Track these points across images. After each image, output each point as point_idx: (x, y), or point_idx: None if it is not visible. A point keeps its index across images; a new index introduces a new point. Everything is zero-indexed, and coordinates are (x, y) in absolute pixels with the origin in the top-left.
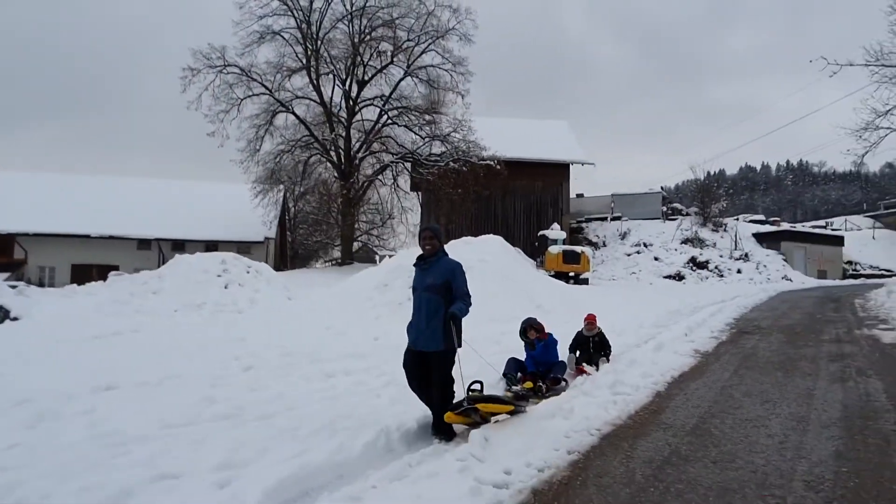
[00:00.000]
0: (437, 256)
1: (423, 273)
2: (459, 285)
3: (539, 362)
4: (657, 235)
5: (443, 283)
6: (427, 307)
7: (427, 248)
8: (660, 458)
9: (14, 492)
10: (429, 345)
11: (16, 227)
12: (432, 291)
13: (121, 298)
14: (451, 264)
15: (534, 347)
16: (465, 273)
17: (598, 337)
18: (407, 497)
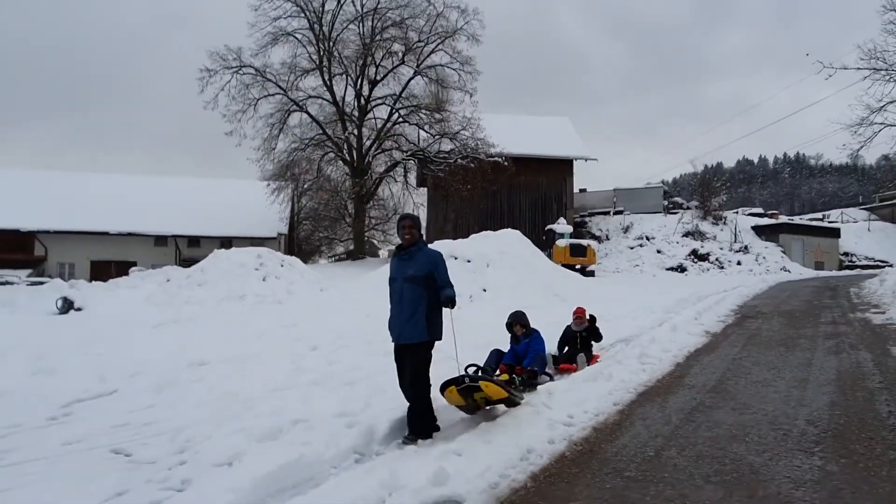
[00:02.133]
0: (418, 246)
1: (403, 263)
2: (443, 275)
3: (520, 356)
4: (659, 229)
5: (425, 274)
6: (409, 298)
7: (406, 237)
8: (689, 407)
9: (181, 434)
10: (412, 336)
11: (36, 224)
12: (414, 282)
13: (169, 290)
14: (433, 254)
15: (518, 341)
16: (445, 262)
17: (587, 332)
18: (502, 428)
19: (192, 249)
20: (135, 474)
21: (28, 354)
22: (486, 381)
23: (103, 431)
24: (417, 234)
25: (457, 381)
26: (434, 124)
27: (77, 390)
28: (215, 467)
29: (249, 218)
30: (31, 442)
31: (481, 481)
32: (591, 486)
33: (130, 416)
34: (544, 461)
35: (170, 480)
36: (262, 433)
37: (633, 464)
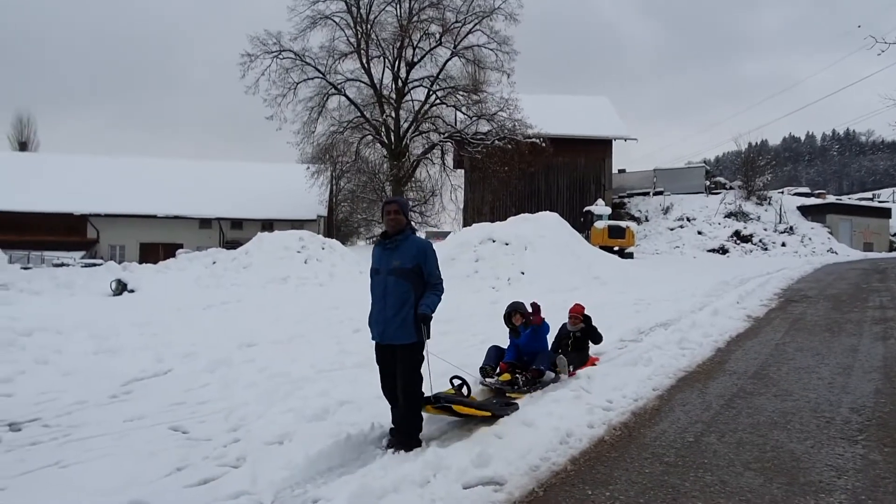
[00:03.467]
0: (405, 234)
1: (388, 253)
2: (431, 269)
3: (523, 352)
4: (700, 210)
5: (413, 266)
6: (395, 293)
7: (391, 223)
8: (729, 394)
9: (234, 413)
10: (398, 336)
11: (88, 208)
12: (400, 275)
13: (216, 273)
14: (421, 244)
15: (518, 335)
16: (436, 254)
17: (582, 333)
18: (542, 412)
19: (235, 232)
20: (193, 451)
21: (89, 335)
22: (459, 403)
23: (162, 409)
24: (404, 220)
25: (429, 400)
26: (471, 106)
27: (136, 370)
28: (267, 445)
29: (290, 200)
30: (96, 418)
31: (522, 463)
32: (630, 471)
33: (186, 395)
34: (584, 445)
35: (225, 457)
36: (310, 413)
37: (673, 449)
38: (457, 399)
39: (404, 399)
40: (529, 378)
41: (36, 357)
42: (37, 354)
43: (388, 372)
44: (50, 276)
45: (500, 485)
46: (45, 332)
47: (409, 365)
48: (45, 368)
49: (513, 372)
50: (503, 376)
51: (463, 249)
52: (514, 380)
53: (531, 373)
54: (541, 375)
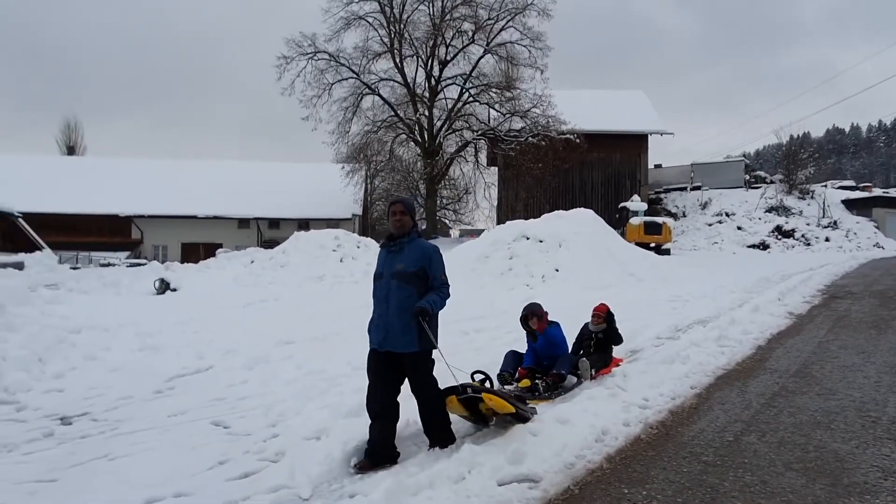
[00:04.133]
0: (410, 237)
1: (391, 256)
2: (436, 273)
3: (542, 356)
4: (740, 204)
5: (417, 270)
6: (398, 298)
7: (396, 224)
8: (770, 392)
9: (273, 409)
10: (401, 344)
11: (133, 209)
12: (403, 280)
13: (254, 271)
14: (426, 247)
15: (536, 338)
16: (442, 257)
17: (604, 334)
18: (577, 410)
19: (272, 231)
20: (233, 445)
21: (134, 332)
22: (490, 393)
23: (203, 405)
24: (410, 222)
25: (457, 389)
26: (504, 103)
27: (178, 366)
28: (305, 441)
29: (325, 200)
30: (141, 413)
31: (557, 461)
32: (668, 470)
33: (227, 391)
34: (619, 443)
35: (265, 452)
36: (346, 410)
37: (711, 448)
38: (485, 388)
39: (425, 406)
40: (550, 383)
41: (85, 354)
42: (86, 351)
43: (380, 381)
44: (97, 275)
45: (534, 482)
46: (94, 329)
47: (421, 373)
48: (93, 365)
49: (532, 377)
50: (522, 382)
51: (497, 247)
52: (533, 385)
53: (551, 377)
54: (562, 380)
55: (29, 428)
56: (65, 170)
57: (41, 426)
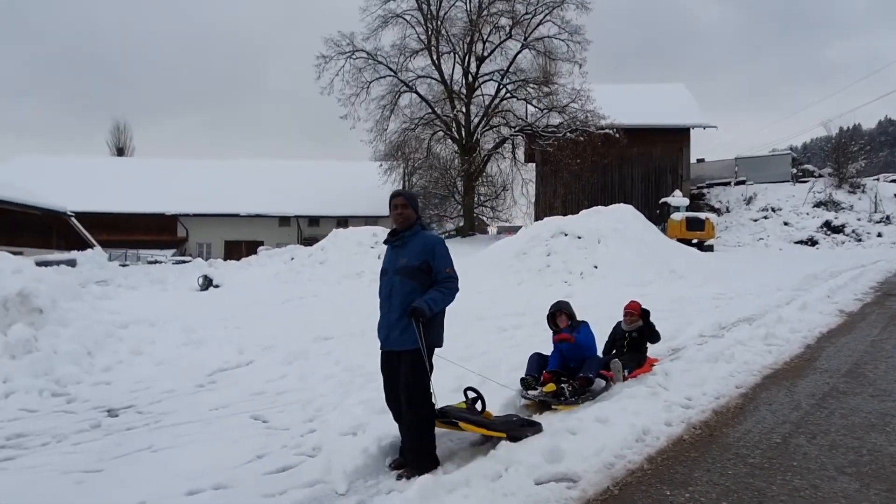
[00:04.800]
0: (413, 230)
1: (395, 252)
2: (440, 266)
3: (568, 358)
4: (786, 199)
5: (420, 264)
6: (401, 294)
7: (398, 218)
8: (821, 393)
9: (312, 404)
10: (401, 342)
11: (178, 208)
12: (406, 275)
13: (294, 268)
14: (429, 239)
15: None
16: (447, 250)
17: (639, 333)
18: (617, 408)
19: (312, 228)
20: (272, 439)
21: (180, 327)
22: (467, 421)
23: (243, 399)
24: (413, 214)
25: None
26: (542, 98)
27: (220, 361)
28: (342, 436)
29: (364, 197)
30: (184, 406)
31: (596, 460)
32: (712, 472)
33: (266, 386)
34: (661, 443)
35: (302, 447)
36: (381, 406)
37: (758, 450)
38: (465, 415)
39: (409, 412)
40: (577, 387)
41: (132, 348)
42: (133, 346)
43: (390, 381)
44: (144, 272)
45: (573, 482)
46: (141, 324)
47: (411, 374)
48: (139, 359)
49: (558, 381)
50: (547, 387)
51: (534, 243)
52: (559, 390)
53: (578, 381)
54: (589, 384)
55: (78, 419)
56: (114, 170)
57: (89, 418)
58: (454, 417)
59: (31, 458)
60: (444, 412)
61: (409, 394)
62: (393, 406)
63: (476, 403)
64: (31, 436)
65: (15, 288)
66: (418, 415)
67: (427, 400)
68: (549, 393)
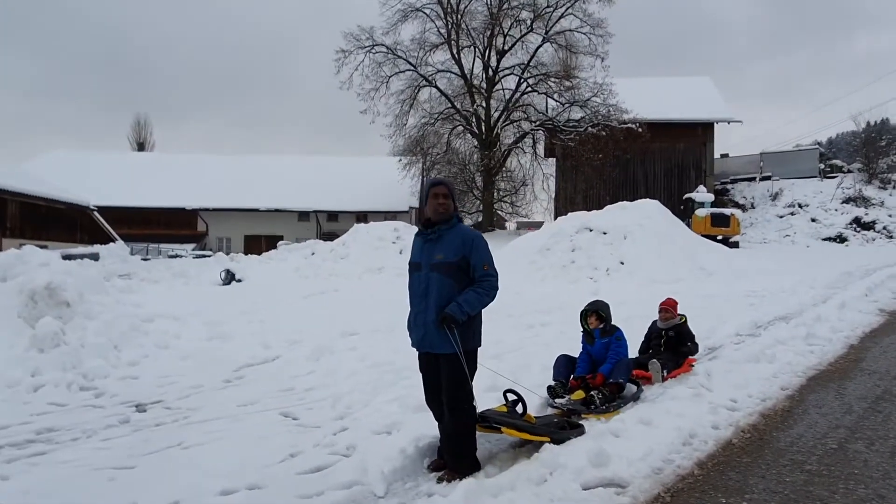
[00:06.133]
0: (450, 224)
1: (429, 246)
2: (479, 262)
3: (597, 360)
4: (814, 195)
5: (458, 260)
6: (438, 292)
7: (440, 208)
8: (872, 396)
9: (341, 400)
10: (440, 344)
11: (198, 203)
12: (443, 271)
13: (315, 263)
14: (468, 234)
15: (593, 341)
16: (487, 245)
17: (675, 331)
18: (660, 410)
19: (331, 224)
20: (303, 437)
21: (204, 321)
22: (509, 425)
23: (272, 395)
24: (453, 206)
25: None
26: (563, 92)
27: (246, 356)
28: (375, 435)
29: (383, 192)
30: (212, 402)
31: (643, 465)
32: (768, 479)
33: (294, 382)
34: (710, 448)
35: (336, 445)
36: (416, 404)
37: (814, 456)
38: (506, 419)
39: (451, 416)
40: (607, 394)
41: (157, 342)
42: (158, 339)
43: (430, 382)
44: (166, 266)
45: (622, 487)
46: (165, 318)
47: (453, 378)
48: (165, 353)
49: (587, 388)
50: (575, 394)
51: (558, 239)
52: (588, 398)
53: (609, 388)
54: (620, 390)
55: (106, 414)
56: (136, 165)
57: (118, 412)
58: (495, 422)
59: (63, 453)
60: (484, 417)
61: (449, 398)
62: (434, 407)
63: (517, 406)
64: (61, 430)
65: (43, 281)
66: (460, 419)
67: (469, 404)
68: (577, 401)
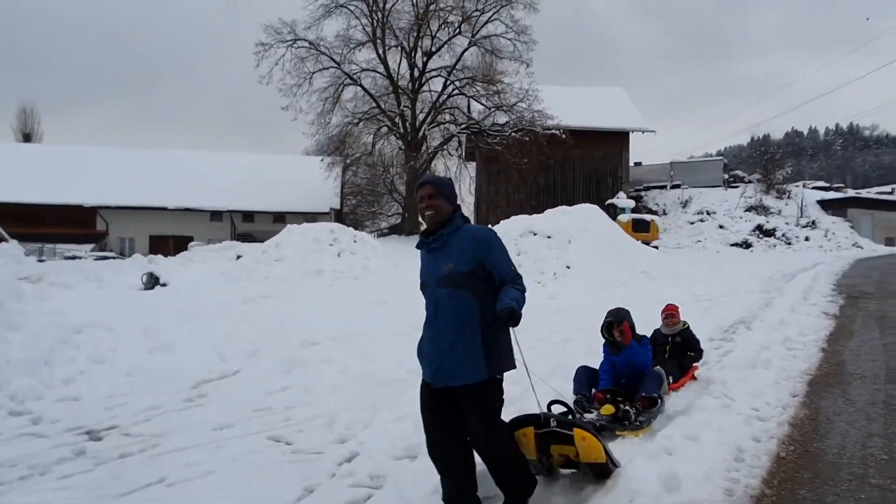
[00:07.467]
0: (453, 226)
1: (434, 256)
2: (502, 265)
3: (620, 373)
4: (720, 203)
5: (473, 268)
6: (452, 310)
7: (428, 212)
8: (879, 401)
9: (337, 420)
10: (460, 375)
11: (97, 200)
12: (455, 284)
13: (246, 266)
14: (480, 234)
15: (618, 351)
16: (503, 245)
17: (681, 337)
18: (699, 423)
19: (247, 224)
20: (309, 466)
21: (139, 331)
22: (584, 430)
23: (248, 416)
24: (447, 206)
25: (536, 419)
26: (490, 96)
27: (200, 370)
28: (396, 460)
29: (302, 193)
30: (179, 426)
31: (711, 486)
32: (843, 496)
33: (269, 400)
34: (764, 463)
35: (356, 475)
36: None
37: (871, 469)
38: (576, 421)
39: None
40: (640, 408)
41: (91, 356)
42: (92, 353)
43: (438, 424)
44: (77, 268)
45: None
46: (96, 328)
47: (484, 412)
48: (103, 368)
49: (614, 402)
50: (604, 409)
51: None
52: (623, 413)
53: (641, 402)
54: (653, 405)
55: (53, 444)
56: (22, 158)
57: (67, 442)
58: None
59: (15, 497)
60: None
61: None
62: (440, 458)
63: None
64: (2, 466)
65: None
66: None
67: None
68: (607, 416)
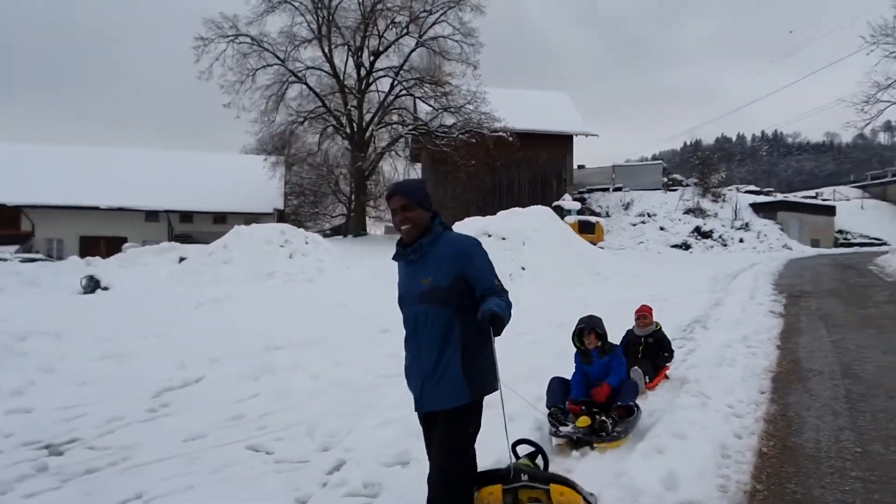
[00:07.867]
0: (432, 236)
1: (412, 269)
2: (485, 277)
3: (593, 383)
4: (660, 206)
5: (452, 281)
6: (431, 330)
7: (404, 227)
8: (840, 396)
9: (318, 428)
10: (442, 398)
11: (22, 198)
12: (436, 300)
13: (194, 269)
14: (461, 244)
15: (590, 360)
16: (487, 254)
17: (654, 337)
18: (685, 421)
19: (185, 225)
20: (296, 476)
21: (87, 336)
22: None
23: (220, 425)
24: (424, 215)
25: (506, 476)
26: (438, 98)
27: (160, 377)
28: (387, 468)
29: (244, 193)
30: (146, 438)
31: (708, 484)
32: (829, 489)
33: (240, 408)
34: (749, 459)
35: (349, 484)
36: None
37: (848, 462)
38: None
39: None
40: (617, 419)
41: (40, 364)
42: (40, 361)
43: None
44: (11, 271)
45: None
46: (41, 335)
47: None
48: (53, 378)
49: (590, 413)
50: (580, 421)
51: None
52: (600, 424)
53: (617, 411)
54: (629, 414)
55: (10, 460)
56: None
57: (25, 457)
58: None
59: None
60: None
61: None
62: None
63: (536, 459)
64: None
65: None
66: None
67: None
68: (583, 428)
